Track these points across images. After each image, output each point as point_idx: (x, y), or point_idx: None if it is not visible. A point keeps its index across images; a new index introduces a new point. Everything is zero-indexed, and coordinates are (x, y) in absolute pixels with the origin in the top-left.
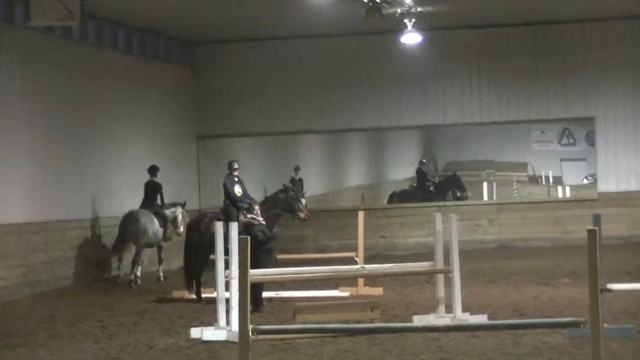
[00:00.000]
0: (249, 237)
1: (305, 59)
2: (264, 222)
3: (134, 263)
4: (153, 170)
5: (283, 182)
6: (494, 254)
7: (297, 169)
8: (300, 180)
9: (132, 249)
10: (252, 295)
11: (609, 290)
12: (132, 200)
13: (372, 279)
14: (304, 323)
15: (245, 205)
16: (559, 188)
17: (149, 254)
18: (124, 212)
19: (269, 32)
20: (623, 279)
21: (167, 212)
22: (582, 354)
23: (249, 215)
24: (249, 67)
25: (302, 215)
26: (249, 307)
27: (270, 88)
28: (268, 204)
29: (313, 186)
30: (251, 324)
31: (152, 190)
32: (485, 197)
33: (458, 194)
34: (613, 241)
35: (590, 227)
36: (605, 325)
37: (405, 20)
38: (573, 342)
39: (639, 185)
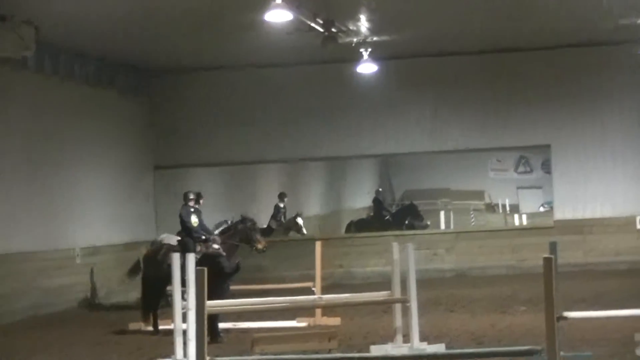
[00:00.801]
0: (205, 269)
1: (263, 88)
2: (224, 253)
3: None
4: None
5: (241, 213)
6: (452, 283)
7: (282, 195)
8: (284, 208)
9: None
10: (210, 326)
11: (565, 318)
12: (90, 231)
13: (329, 309)
14: (261, 354)
15: (203, 237)
16: (516, 216)
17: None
18: (77, 243)
19: (227, 61)
20: (579, 306)
21: None
22: None
23: (215, 246)
24: (206, 97)
25: (259, 246)
26: (207, 339)
27: (228, 117)
28: (226, 234)
29: (267, 216)
30: (208, 355)
31: None
32: (442, 226)
33: (415, 224)
34: (569, 268)
35: (547, 255)
36: (562, 353)
37: (361, 50)
38: None
39: (594, 212)
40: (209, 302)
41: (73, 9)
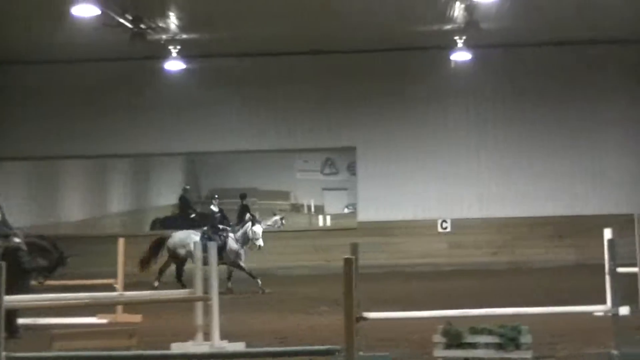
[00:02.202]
0: (4, 263)
1: (67, 84)
2: (25, 248)
3: None
4: None
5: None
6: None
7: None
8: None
9: None
10: (8, 321)
11: (365, 319)
12: None
13: (132, 306)
14: (60, 350)
15: (2, 232)
16: (321, 217)
17: None
18: None
19: (35, 54)
20: (381, 307)
21: None
22: None
23: (16, 240)
24: (13, 91)
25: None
26: (4, 334)
27: (34, 112)
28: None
29: (75, 212)
30: (5, 351)
31: None
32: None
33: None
34: (372, 270)
35: (348, 255)
36: (360, 353)
37: (170, 47)
38: None
39: (397, 214)
40: (7, 297)
41: None
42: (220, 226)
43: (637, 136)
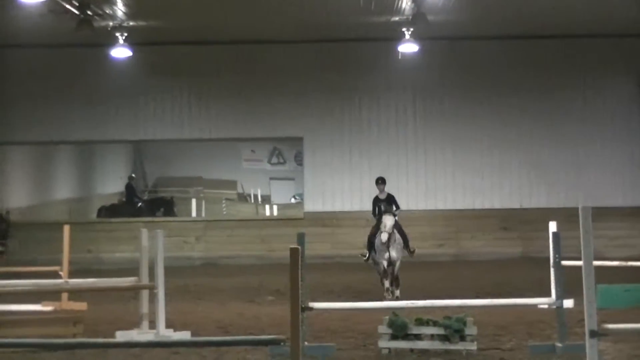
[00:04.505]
0: None
1: (14, 69)
2: None
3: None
4: None
5: None
6: (201, 271)
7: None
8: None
9: None
10: None
11: (310, 309)
12: None
13: (77, 294)
14: (4, 337)
15: None
16: (267, 207)
17: None
18: None
19: None
20: (326, 297)
21: None
22: None
23: None
24: None
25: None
26: None
27: None
28: None
29: (21, 198)
30: None
31: None
32: (194, 214)
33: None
34: (317, 260)
35: (294, 245)
36: (306, 343)
37: (117, 34)
38: None
39: (344, 205)
40: None
41: None
42: None
43: (581, 130)
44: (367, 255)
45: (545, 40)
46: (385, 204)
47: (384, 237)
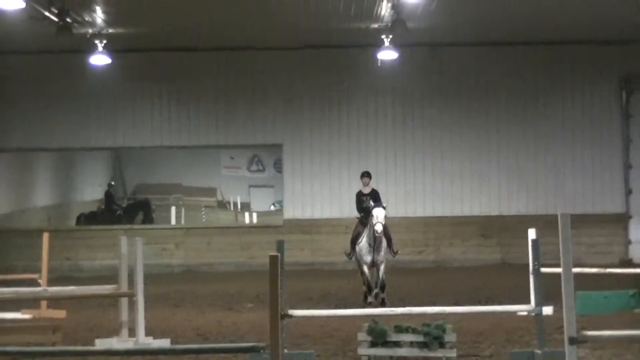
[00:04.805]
0: None
1: None
2: None
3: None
4: None
5: None
6: (180, 278)
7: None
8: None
9: None
10: None
11: (290, 316)
12: None
13: (56, 302)
14: None
15: None
16: (247, 214)
17: None
18: None
19: None
20: (305, 304)
21: None
22: None
23: None
24: None
25: None
26: None
27: None
28: None
29: None
30: None
31: None
32: (173, 221)
33: (146, 221)
34: (297, 267)
35: (274, 253)
36: (285, 350)
37: (96, 41)
38: None
39: (323, 212)
40: None
41: None
42: None
43: (561, 137)
44: (351, 252)
45: (524, 47)
46: (370, 199)
47: (378, 227)
